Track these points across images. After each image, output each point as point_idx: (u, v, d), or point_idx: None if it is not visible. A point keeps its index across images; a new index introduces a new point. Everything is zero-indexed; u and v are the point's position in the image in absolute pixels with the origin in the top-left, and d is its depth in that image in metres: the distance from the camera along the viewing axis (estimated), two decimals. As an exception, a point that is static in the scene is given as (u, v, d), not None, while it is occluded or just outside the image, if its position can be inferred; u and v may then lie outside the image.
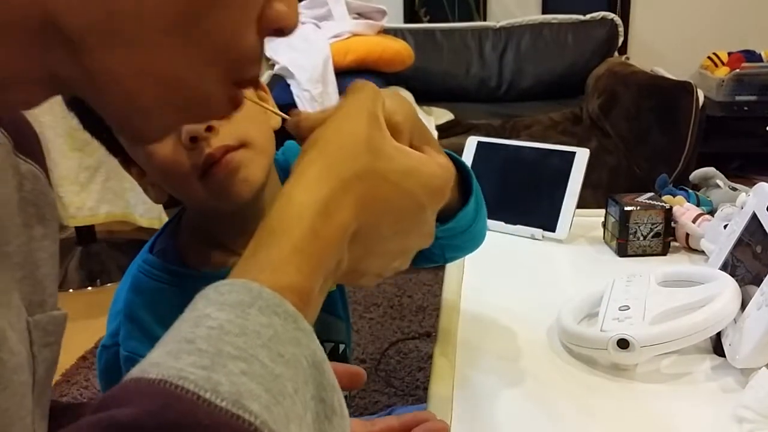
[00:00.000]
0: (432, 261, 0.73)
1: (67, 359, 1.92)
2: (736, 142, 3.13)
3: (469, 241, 0.74)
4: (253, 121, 0.66)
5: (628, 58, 3.14)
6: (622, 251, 1.02)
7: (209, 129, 0.61)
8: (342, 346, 0.86)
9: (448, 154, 0.66)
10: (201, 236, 0.72)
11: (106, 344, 0.70)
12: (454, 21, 3.42)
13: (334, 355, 0.85)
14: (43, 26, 0.31)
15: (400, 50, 2.65)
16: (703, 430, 0.64)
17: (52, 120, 2.24)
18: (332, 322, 0.84)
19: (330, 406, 0.36)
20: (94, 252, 2.63)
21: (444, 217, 0.66)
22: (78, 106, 0.65)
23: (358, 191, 0.40)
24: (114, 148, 0.67)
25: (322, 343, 0.82)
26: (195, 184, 0.63)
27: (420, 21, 3.49)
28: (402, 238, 0.43)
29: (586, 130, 2.58)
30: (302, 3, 2.84)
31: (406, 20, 3.51)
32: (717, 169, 1.20)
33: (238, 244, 0.71)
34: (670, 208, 1.02)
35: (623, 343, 0.69)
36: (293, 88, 2.42)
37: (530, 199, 1.14)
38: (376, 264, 0.44)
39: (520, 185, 1.17)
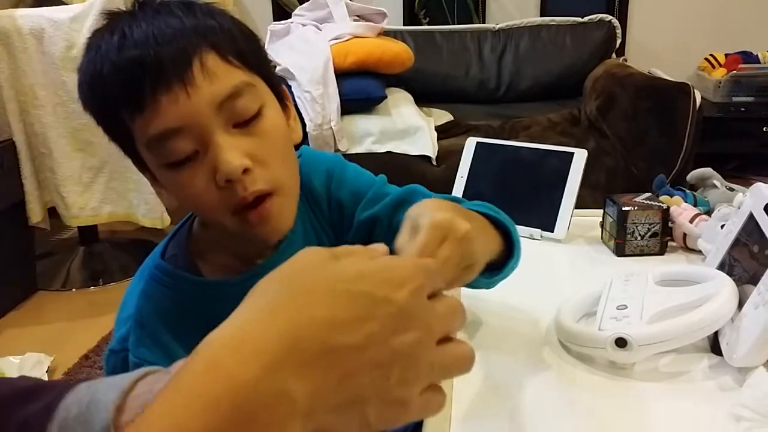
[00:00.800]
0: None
1: (69, 358, 1.92)
2: (733, 143, 3.14)
3: (509, 274, 0.76)
4: (283, 160, 0.66)
5: (625, 60, 3.15)
6: (620, 251, 1.03)
7: (245, 171, 0.61)
8: None
9: (486, 213, 0.69)
10: (212, 243, 0.72)
11: (114, 349, 0.69)
12: (453, 23, 3.43)
13: None
14: None
15: (400, 52, 2.65)
16: (700, 428, 0.64)
17: (54, 121, 2.25)
18: None
19: None
20: (96, 252, 2.64)
21: (492, 266, 0.69)
22: (92, 106, 0.65)
23: (289, 312, 0.36)
24: (129, 151, 0.66)
25: None
26: (226, 218, 0.64)
27: (420, 23, 3.49)
28: (380, 340, 0.37)
29: (585, 131, 2.58)
30: (303, 5, 2.85)
31: (406, 22, 3.51)
32: (714, 169, 1.21)
33: (249, 252, 0.72)
34: (668, 208, 1.02)
35: (621, 342, 0.69)
36: (294, 90, 2.43)
37: (529, 200, 1.14)
38: (368, 380, 0.36)
39: (519, 186, 1.17)
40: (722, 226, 0.89)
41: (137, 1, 0.65)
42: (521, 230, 1.11)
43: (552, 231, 1.10)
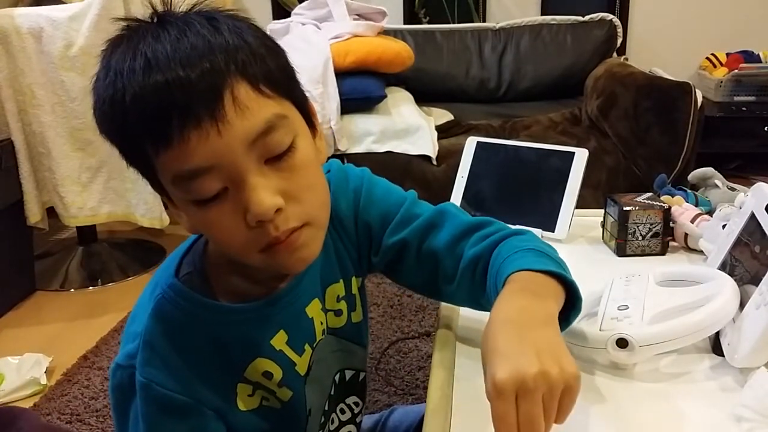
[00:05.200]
0: None
1: (68, 359, 1.91)
2: (735, 143, 3.13)
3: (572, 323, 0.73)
4: (315, 192, 0.64)
5: (626, 59, 3.14)
6: (621, 251, 1.02)
7: (277, 211, 0.59)
8: (362, 374, 0.86)
9: (550, 270, 0.66)
10: (229, 266, 0.70)
11: (121, 364, 0.67)
12: (453, 22, 3.43)
13: (354, 382, 0.84)
14: None
15: (400, 51, 2.65)
16: (701, 429, 0.64)
17: (53, 120, 2.24)
18: (357, 351, 0.84)
19: None
20: (95, 252, 2.63)
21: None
22: (110, 133, 0.61)
23: None
24: (150, 179, 0.63)
25: (344, 370, 0.82)
26: (252, 255, 0.62)
27: (420, 22, 3.49)
28: None
29: (585, 130, 2.58)
30: (303, 4, 2.85)
31: (406, 21, 3.51)
32: (715, 169, 1.20)
33: (265, 276, 0.70)
34: (669, 208, 1.02)
35: (622, 343, 0.69)
36: (293, 89, 2.42)
37: (529, 200, 1.14)
38: None
39: (520, 185, 1.17)
40: (724, 226, 0.89)
41: (156, 14, 0.60)
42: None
43: (553, 231, 1.09)
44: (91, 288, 2.46)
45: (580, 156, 1.11)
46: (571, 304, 0.67)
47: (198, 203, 0.59)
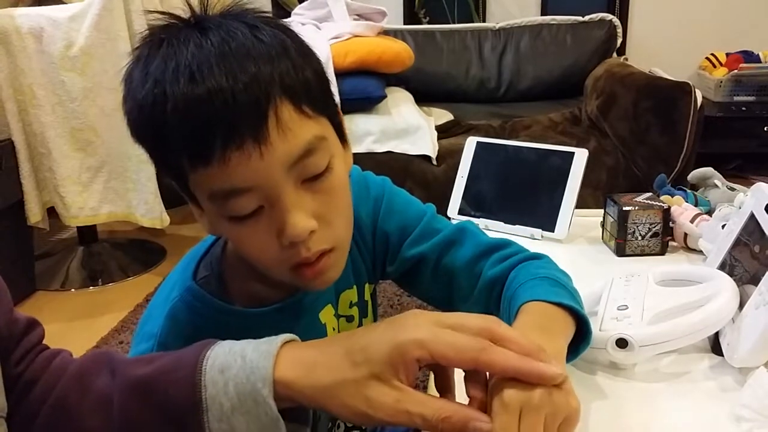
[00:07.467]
0: None
1: (68, 359, 1.92)
2: (734, 143, 3.14)
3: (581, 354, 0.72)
4: (344, 214, 0.64)
5: (626, 59, 3.15)
6: (621, 251, 1.02)
7: (311, 232, 0.59)
8: None
9: (561, 303, 0.65)
10: (249, 272, 0.69)
11: None
12: (453, 22, 3.43)
13: None
14: None
15: (400, 51, 2.65)
16: (701, 428, 0.64)
17: (53, 120, 2.24)
18: None
19: None
20: (95, 252, 2.64)
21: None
22: (145, 141, 0.60)
23: None
24: (181, 187, 0.62)
25: None
26: (282, 271, 0.62)
27: (420, 22, 3.49)
28: None
29: (585, 130, 2.58)
30: (303, 4, 2.85)
31: (406, 21, 3.51)
32: (715, 169, 1.20)
33: (283, 282, 0.69)
34: (669, 208, 1.02)
35: (622, 343, 0.69)
36: (293, 89, 2.42)
37: (529, 200, 1.14)
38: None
39: (520, 185, 1.17)
40: (723, 226, 0.89)
41: (195, 16, 0.59)
42: (522, 230, 1.11)
43: (552, 231, 1.09)
44: (91, 288, 2.47)
45: (580, 156, 1.11)
46: (581, 337, 0.68)
47: (232, 219, 0.59)
